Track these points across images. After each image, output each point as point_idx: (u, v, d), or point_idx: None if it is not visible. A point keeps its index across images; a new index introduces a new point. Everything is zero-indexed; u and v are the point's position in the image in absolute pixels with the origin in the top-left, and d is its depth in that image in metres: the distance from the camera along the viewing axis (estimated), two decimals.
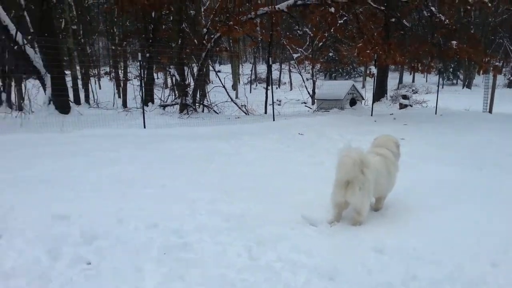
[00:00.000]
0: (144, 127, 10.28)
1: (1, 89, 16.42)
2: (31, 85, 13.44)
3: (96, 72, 26.84)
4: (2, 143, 7.69)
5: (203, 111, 15.21)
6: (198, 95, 15.67)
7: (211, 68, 20.49)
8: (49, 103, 12.33)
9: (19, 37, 11.93)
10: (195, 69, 15.88)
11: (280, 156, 7.08)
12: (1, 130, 9.29)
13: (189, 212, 4.06)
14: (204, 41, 15.29)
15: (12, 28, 11.82)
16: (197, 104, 15.20)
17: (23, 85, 13.71)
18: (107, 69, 28.78)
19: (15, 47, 11.90)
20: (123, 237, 3.41)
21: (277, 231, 3.59)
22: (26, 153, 6.87)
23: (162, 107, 15.11)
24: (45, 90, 12.49)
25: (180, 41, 14.14)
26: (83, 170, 5.71)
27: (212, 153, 7.05)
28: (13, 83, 15.50)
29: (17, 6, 14.26)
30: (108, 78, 25.87)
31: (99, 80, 27.06)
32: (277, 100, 20.63)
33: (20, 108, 12.65)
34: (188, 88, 15.17)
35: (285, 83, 40.40)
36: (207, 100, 15.73)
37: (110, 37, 24.65)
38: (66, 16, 16.84)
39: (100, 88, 25.36)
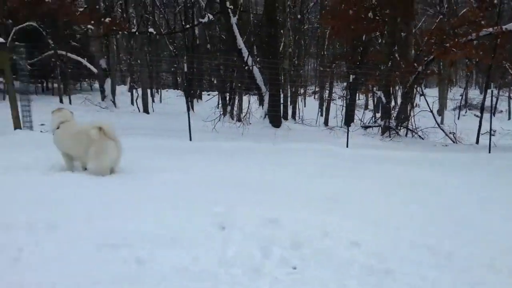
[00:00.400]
0: (347, 146, 10.65)
1: (227, 102, 19.56)
2: (252, 100, 15.56)
3: (303, 91, 28.98)
4: (227, 149, 9.21)
5: (406, 135, 14.74)
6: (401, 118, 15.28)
7: (417, 91, 19.64)
8: (265, 117, 14.04)
9: (249, 60, 14.02)
10: (399, 92, 15.59)
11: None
12: (226, 137, 11.13)
13: (392, 238, 4.01)
14: (415, 64, 14.83)
15: (244, 51, 13.98)
16: (400, 128, 14.84)
17: (246, 100, 15.91)
18: (313, 88, 30.84)
19: (246, 68, 14.00)
20: (327, 249, 3.58)
21: None
22: (246, 158, 8.07)
23: (364, 128, 15.36)
24: (262, 106, 14.29)
25: (390, 63, 14.10)
26: (291, 179, 6.29)
27: (415, 181, 6.71)
28: (237, 98, 18.28)
29: (247, 31, 16.78)
30: (313, 97, 27.67)
31: (304, 98, 29.15)
32: (493, 130, 18.22)
33: (239, 120, 14.80)
34: (393, 111, 14.97)
35: (501, 111, 35.18)
36: (411, 124, 15.18)
37: (319, 59, 26.37)
38: (286, 40, 18.85)
39: (304, 106, 27.24)
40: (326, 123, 19.86)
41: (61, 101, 21.91)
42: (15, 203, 4.40)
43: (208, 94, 29.24)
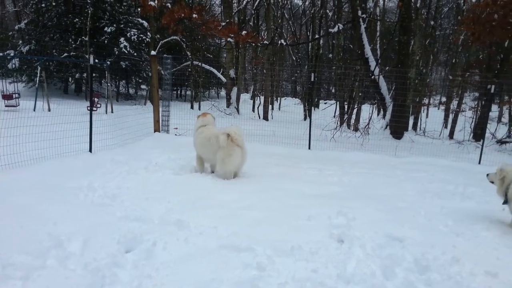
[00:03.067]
0: (479, 163, 9.61)
1: (346, 111, 19.21)
2: (372, 110, 15.04)
3: (428, 101, 27.04)
4: (346, 160, 9.04)
5: None
6: None
7: None
8: (386, 127, 13.45)
9: (376, 69, 13.62)
10: None
11: None
12: (346, 146, 10.94)
13: None
14: None
15: (372, 60, 13.63)
16: None
17: (369, 110, 15.43)
18: (438, 98, 28.64)
19: (372, 77, 13.62)
20: (458, 276, 3.31)
21: None
22: (365, 169, 7.83)
23: (498, 143, 13.71)
24: (384, 116, 13.71)
25: None
26: (417, 196, 5.95)
27: None
28: (356, 107, 17.87)
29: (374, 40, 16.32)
30: (437, 107, 25.65)
31: (427, 108, 27.20)
32: None
33: (356, 129, 14.42)
34: None
35: None
36: None
37: (448, 68, 24.34)
38: (414, 47, 17.82)
39: (427, 117, 25.38)
40: (451, 136, 18.23)
41: (191, 107, 24.03)
42: (150, 199, 4.99)
43: (325, 103, 29.13)
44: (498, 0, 12.03)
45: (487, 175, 5.27)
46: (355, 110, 18.40)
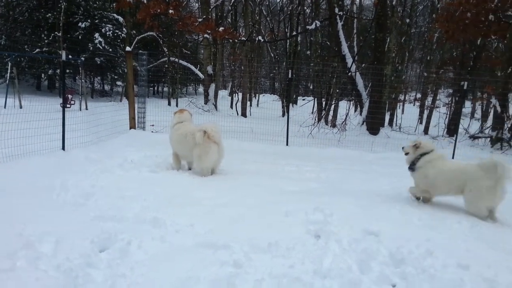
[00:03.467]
0: (453, 158, 9.86)
1: (323, 107, 19.37)
2: (349, 106, 15.21)
3: (404, 97, 27.55)
4: (323, 156, 9.12)
5: None
6: None
7: None
8: (362, 123, 13.63)
9: (353, 66, 13.76)
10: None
11: None
12: (323, 143, 11.03)
13: (506, 263, 3.60)
14: None
15: (348, 57, 13.76)
16: None
17: (341, 106, 15.63)
18: (414, 94, 29.21)
19: (349, 74, 13.76)
20: (431, 269, 3.35)
21: None
22: (343, 165, 7.91)
23: (471, 138, 14.08)
24: (361, 112, 13.89)
25: (510, 69, 12.75)
26: (393, 191, 6.04)
27: None
28: (333, 103, 18.02)
29: (351, 37, 16.50)
30: (413, 104, 26.17)
31: (403, 105, 27.73)
32: None
33: (334, 125, 14.56)
34: (507, 121, 13.48)
35: None
36: None
37: (423, 65, 24.86)
38: (390, 44, 18.09)
39: (402, 113, 25.89)
40: (426, 131, 18.66)
41: (169, 103, 23.78)
42: (125, 198, 4.89)
43: (303, 99, 29.32)
44: None
45: (403, 148, 5.87)
46: (332, 107, 18.55)
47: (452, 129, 15.86)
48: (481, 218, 4.84)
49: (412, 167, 5.55)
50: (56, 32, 22.29)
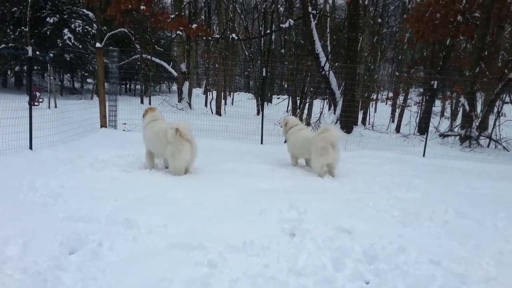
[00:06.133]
0: (424, 155, 10.10)
1: (298, 106, 19.50)
2: (323, 105, 15.35)
3: (376, 96, 28.09)
4: None
5: (488, 146, 13.64)
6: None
7: (503, 99, 18.10)
8: (336, 122, 13.78)
9: (326, 65, 13.87)
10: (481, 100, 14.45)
11: None
12: None
13: (476, 259, 3.70)
14: (506, 70, 13.67)
15: (322, 56, 13.86)
16: (482, 138, 13.74)
17: (316, 104, 15.76)
18: (386, 93, 29.84)
19: (322, 72, 13.86)
20: (404, 265, 3.41)
21: None
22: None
23: (441, 137, 14.47)
24: (335, 111, 14.04)
25: (478, 69, 13.14)
26: (366, 188, 6.12)
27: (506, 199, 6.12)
28: (307, 102, 18.16)
29: (324, 36, 16.66)
30: (385, 102, 26.71)
31: (375, 103, 28.29)
32: None
33: (309, 124, 14.69)
34: (475, 120, 13.92)
35: None
36: (495, 134, 14.00)
37: (394, 64, 25.41)
38: (363, 44, 18.37)
39: (375, 112, 26.39)
40: (398, 130, 19.07)
41: (141, 102, 23.36)
42: (96, 198, 4.77)
43: (278, 98, 29.44)
44: (440, 0, 12.65)
45: (279, 122, 7.16)
46: (307, 105, 18.68)
47: (423, 128, 16.22)
48: (320, 175, 6.62)
49: (285, 140, 7.53)
50: (22, 27, 21.52)
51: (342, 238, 3.93)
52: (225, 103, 25.02)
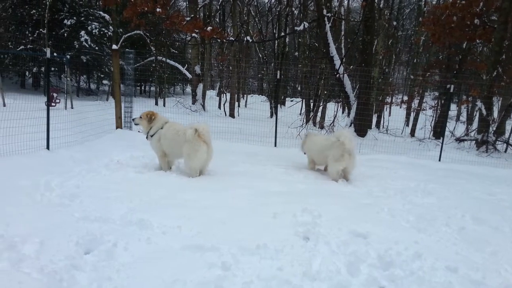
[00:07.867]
0: (439, 160, 9.95)
1: (311, 109, 19.45)
2: (337, 108, 15.26)
3: (391, 100, 27.83)
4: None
5: (505, 151, 13.38)
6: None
7: None
8: (350, 125, 13.70)
9: (341, 68, 13.81)
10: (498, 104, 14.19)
11: None
12: None
13: (494, 266, 3.61)
14: None
15: (336, 59, 13.81)
16: (499, 143, 13.49)
17: (334, 107, 15.64)
18: (400, 97, 29.51)
19: (336, 75, 13.81)
20: (420, 272, 3.36)
21: None
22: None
23: (457, 141, 14.26)
24: (349, 114, 13.95)
25: (495, 73, 12.92)
26: (382, 193, 6.06)
27: None
28: (321, 105, 18.11)
29: (339, 39, 16.57)
30: (399, 106, 26.44)
31: (390, 107, 28.03)
32: None
33: (322, 127, 14.63)
34: (492, 124, 13.68)
35: None
36: None
37: (410, 68, 25.14)
38: (377, 47, 18.24)
39: (389, 115, 26.13)
40: (412, 134, 18.86)
41: (156, 103, 23.56)
42: (111, 199, 4.82)
43: (291, 100, 29.40)
44: (456, 2, 12.48)
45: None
46: (320, 108, 18.62)
47: (438, 132, 16.03)
48: (335, 179, 6.60)
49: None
50: (40, 29, 21.90)
51: (357, 243, 3.89)
52: (239, 106, 25.07)
